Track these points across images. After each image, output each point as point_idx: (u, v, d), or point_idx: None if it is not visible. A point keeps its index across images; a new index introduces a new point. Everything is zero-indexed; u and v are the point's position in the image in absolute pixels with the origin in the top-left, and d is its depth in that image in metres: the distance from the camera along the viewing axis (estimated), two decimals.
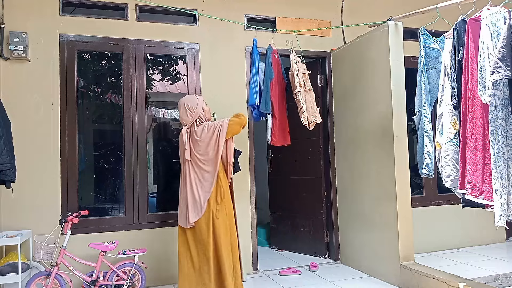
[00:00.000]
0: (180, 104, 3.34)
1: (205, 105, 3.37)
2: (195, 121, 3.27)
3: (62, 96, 3.83)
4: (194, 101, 3.31)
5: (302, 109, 3.79)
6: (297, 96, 3.81)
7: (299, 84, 3.82)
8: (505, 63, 2.37)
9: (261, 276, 4.22)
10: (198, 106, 3.28)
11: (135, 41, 4.07)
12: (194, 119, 3.27)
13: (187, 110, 3.27)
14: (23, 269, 3.27)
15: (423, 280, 3.47)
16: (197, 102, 3.30)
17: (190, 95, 3.48)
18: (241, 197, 4.33)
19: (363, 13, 4.83)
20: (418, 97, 3.34)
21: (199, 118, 3.29)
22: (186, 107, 3.27)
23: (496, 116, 2.53)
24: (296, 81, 3.82)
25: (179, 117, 3.37)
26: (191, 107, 3.27)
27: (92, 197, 4.17)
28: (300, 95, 3.79)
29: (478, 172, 2.63)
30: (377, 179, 4.02)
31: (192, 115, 3.26)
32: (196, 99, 3.33)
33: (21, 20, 3.75)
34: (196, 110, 3.27)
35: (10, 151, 3.01)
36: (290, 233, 5.17)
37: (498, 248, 4.91)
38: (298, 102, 3.82)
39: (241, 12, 4.46)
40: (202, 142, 3.20)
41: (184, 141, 3.24)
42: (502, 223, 2.48)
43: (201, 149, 3.21)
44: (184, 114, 3.28)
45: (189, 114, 3.26)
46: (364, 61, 4.19)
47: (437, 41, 3.39)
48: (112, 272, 3.50)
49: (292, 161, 5.11)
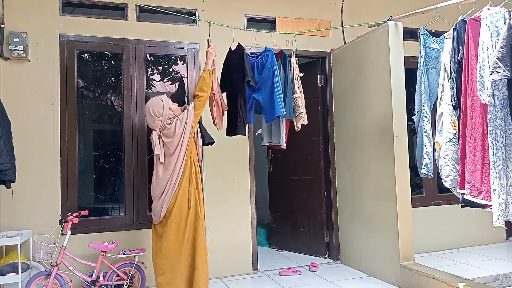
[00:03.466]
0: (146, 111, 3.21)
1: (171, 103, 3.24)
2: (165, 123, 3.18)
3: (62, 96, 3.83)
4: (159, 104, 3.17)
5: (300, 115, 3.75)
6: (297, 101, 3.76)
7: (298, 88, 3.78)
8: (505, 63, 2.37)
9: (261, 276, 4.22)
10: (164, 109, 3.15)
11: (135, 41, 4.07)
12: (163, 123, 3.16)
13: (154, 117, 3.15)
14: (23, 269, 3.28)
15: (423, 280, 3.47)
16: (162, 105, 3.16)
17: (153, 99, 3.27)
18: (241, 197, 4.34)
19: (363, 13, 4.83)
20: (417, 97, 3.33)
21: (168, 118, 3.18)
22: (153, 113, 3.15)
23: (495, 116, 2.53)
24: (296, 86, 3.78)
25: (148, 124, 3.26)
26: (158, 112, 3.14)
27: (92, 197, 4.17)
28: (299, 100, 3.76)
29: (477, 172, 2.63)
30: (377, 179, 4.02)
31: (160, 120, 3.15)
32: (161, 102, 3.18)
33: (21, 20, 3.76)
34: (164, 113, 3.15)
35: (10, 151, 3.01)
36: (290, 233, 5.17)
37: (498, 248, 4.91)
38: (298, 107, 3.75)
39: (241, 12, 4.46)
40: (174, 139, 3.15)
41: (154, 145, 3.17)
42: (500, 223, 2.48)
43: (172, 144, 3.15)
44: (152, 121, 3.17)
45: (157, 120, 3.15)
46: (364, 61, 4.19)
47: (437, 41, 3.39)
48: (112, 272, 3.51)
49: (292, 161, 5.11)
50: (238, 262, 4.26)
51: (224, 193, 4.26)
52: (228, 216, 4.26)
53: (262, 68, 3.71)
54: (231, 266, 4.21)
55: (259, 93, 3.68)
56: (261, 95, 3.66)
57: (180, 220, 3.13)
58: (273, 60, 3.64)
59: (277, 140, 3.86)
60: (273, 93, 3.56)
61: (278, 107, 3.50)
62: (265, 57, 3.70)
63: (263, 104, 3.65)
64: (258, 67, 3.74)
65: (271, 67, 3.63)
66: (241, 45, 3.62)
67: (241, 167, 4.36)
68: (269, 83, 3.61)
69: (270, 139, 3.96)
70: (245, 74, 3.48)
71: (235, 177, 4.32)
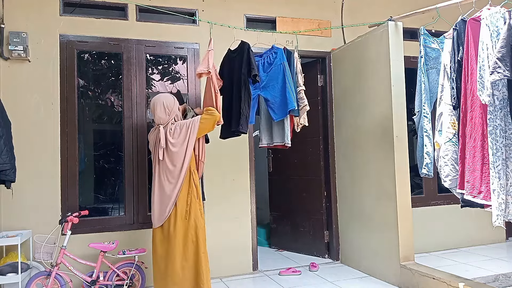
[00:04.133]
0: (157, 101, 3.23)
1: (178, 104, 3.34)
2: (171, 120, 3.23)
3: (62, 96, 3.83)
4: (171, 100, 3.26)
5: (305, 107, 3.73)
6: (301, 94, 3.74)
7: (302, 82, 3.78)
8: (504, 63, 2.37)
9: (261, 276, 4.22)
10: (174, 106, 3.25)
11: (135, 41, 4.07)
12: (171, 118, 3.22)
13: (165, 109, 3.20)
14: (23, 269, 3.28)
15: (423, 280, 3.47)
16: (173, 101, 3.26)
17: (165, 94, 3.40)
18: (241, 197, 4.34)
19: (363, 13, 4.83)
20: (418, 97, 3.34)
21: (175, 117, 3.25)
22: (165, 105, 3.20)
23: (495, 116, 2.53)
24: (299, 79, 3.78)
25: (154, 116, 3.27)
26: (169, 106, 3.21)
27: (92, 197, 4.17)
28: (303, 92, 3.74)
29: (477, 172, 2.63)
30: (377, 179, 4.02)
31: (169, 114, 3.22)
32: (173, 98, 3.28)
33: (21, 20, 3.76)
34: (173, 109, 3.24)
35: (10, 151, 3.01)
36: (290, 233, 5.17)
37: (498, 248, 4.91)
38: (302, 100, 3.70)
39: (241, 12, 4.46)
40: (176, 141, 3.16)
41: (162, 139, 3.16)
42: (500, 223, 2.48)
43: (173, 148, 3.16)
44: (162, 112, 3.21)
45: (167, 112, 3.21)
46: (364, 61, 4.19)
47: (437, 41, 3.39)
48: (112, 272, 3.51)
49: (292, 161, 5.11)
50: (238, 262, 4.26)
51: (224, 193, 4.26)
52: (228, 216, 4.26)
53: (269, 66, 3.71)
54: (231, 266, 4.21)
55: (266, 91, 3.67)
56: (270, 92, 3.66)
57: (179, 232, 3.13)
58: (283, 57, 3.66)
59: (279, 140, 3.82)
60: (285, 89, 3.57)
61: (291, 102, 3.53)
62: (272, 55, 3.71)
63: (273, 102, 3.64)
64: (264, 65, 3.73)
65: (281, 63, 3.63)
66: (245, 42, 3.60)
67: (241, 167, 4.36)
68: (279, 79, 3.61)
69: (270, 140, 3.91)
70: (251, 68, 3.45)
71: (235, 177, 4.32)
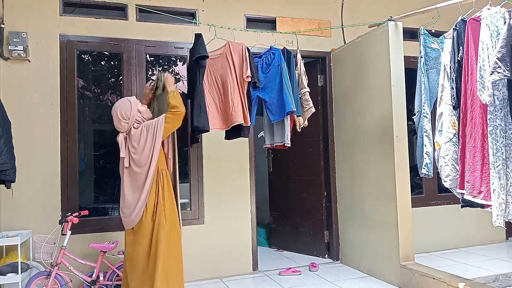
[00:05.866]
0: (113, 113, 3.05)
1: (141, 105, 3.13)
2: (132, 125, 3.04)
3: (62, 96, 3.83)
4: (127, 106, 3.03)
5: (311, 109, 3.72)
6: (306, 96, 3.73)
7: (307, 83, 3.77)
8: (505, 63, 2.37)
9: (261, 276, 4.22)
10: (132, 110, 3.02)
11: (135, 41, 4.07)
12: (130, 125, 3.03)
13: (121, 120, 3.00)
14: (23, 269, 3.28)
15: (423, 280, 3.47)
16: (130, 107, 3.02)
17: (121, 100, 3.14)
18: (241, 197, 4.34)
19: (363, 13, 4.83)
20: (418, 97, 3.34)
21: (136, 121, 3.05)
22: (120, 116, 3.00)
23: (495, 116, 2.53)
24: (304, 81, 3.77)
25: (115, 126, 3.08)
26: (125, 115, 3.00)
27: (92, 197, 4.17)
28: (308, 94, 3.73)
29: (477, 172, 2.63)
30: (377, 179, 4.02)
31: (127, 122, 3.01)
32: (129, 103, 3.05)
33: (21, 20, 3.76)
34: (131, 114, 3.01)
35: (10, 151, 3.01)
36: (290, 233, 5.17)
37: (498, 248, 4.91)
38: (307, 101, 3.69)
39: (241, 12, 4.46)
40: (139, 145, 3.01)
41: (121, 152, 3.03)
42: (500, 223, 2.48)
43: (138, 151, 3.00)
44: (119, 123, 3.02)
45: (123, 122, 3.01)
46: (364, 61, 4.19)
47: (437, 41, 3.39)
48: (112, 272, 3.51)
49: (292, 161, 5.11)
50: (238, 262, 4.26)
51: (224, 193, 4.26)
52: (228, 216, 4.26)
53: (267, 67, 3.68)
54: (231, 266, 4.21)
55: (264, 93, 3.64)
56: (268, 94, 3.62)
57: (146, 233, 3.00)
58: (281, 58, 3.62)
59: (279, 140, 3.81)
60: (282, 90, 3.52)
61: (288, 104, 3.47)
62: (271, 55, 3.68)
63: (270, 103, 3.61)
64: (263, 66, 3.71)
65: (279, 64, 3.59)
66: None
67: (241, 167, 4.36)
68: (277, 80, 3.58)
69: (272, 140, 3.89)
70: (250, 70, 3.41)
71: (235, 177, 4.32)
